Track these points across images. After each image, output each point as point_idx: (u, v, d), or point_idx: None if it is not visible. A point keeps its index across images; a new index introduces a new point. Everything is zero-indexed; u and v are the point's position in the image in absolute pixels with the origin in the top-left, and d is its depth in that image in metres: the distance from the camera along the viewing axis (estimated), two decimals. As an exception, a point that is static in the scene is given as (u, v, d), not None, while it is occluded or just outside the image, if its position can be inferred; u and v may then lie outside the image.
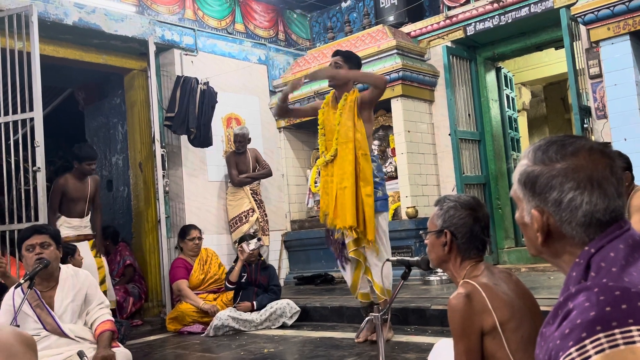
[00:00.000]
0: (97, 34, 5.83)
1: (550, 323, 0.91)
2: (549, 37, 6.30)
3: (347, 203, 3.90)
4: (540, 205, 1.02)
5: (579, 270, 0.97)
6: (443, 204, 1.93)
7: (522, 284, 1.86)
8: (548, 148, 1.04)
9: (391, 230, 6.27)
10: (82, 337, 2.97)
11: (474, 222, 1.88)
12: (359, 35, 6.97)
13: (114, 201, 7.07)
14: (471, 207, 1.90)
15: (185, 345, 4.68)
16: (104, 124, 7.23)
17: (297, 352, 4.07)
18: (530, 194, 1.04)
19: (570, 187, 0.98)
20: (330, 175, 4.04)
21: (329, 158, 4.04)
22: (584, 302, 0.85)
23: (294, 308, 5.07)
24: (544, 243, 1.04)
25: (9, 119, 4.87)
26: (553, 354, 0.85)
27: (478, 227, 1.89)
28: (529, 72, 8.81)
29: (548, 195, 1.01)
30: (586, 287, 0.88)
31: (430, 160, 6.64)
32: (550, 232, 1.02)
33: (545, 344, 0.90)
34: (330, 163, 4.05)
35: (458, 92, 6.58)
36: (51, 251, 2.96)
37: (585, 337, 0.81)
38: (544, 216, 1.02)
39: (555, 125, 10.21)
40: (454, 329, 1.73)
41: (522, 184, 1.05)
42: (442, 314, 4.26)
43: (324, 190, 4.11)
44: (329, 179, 4.04)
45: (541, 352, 0.91)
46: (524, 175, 1.05)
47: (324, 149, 4.12)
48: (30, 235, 2.96)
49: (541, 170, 1.02)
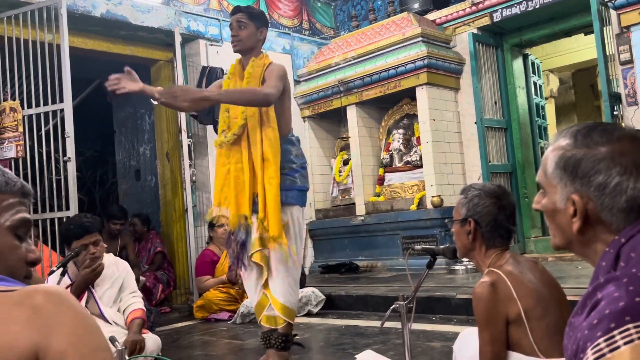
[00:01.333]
0: (124, 26, 5.91)
1: (578, 313, 0.91)
2: (578, 22, 6.18)
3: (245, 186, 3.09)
4: (581, 189, 0.99)
5: (609, 260, 0.96)
6: (468, 193, 1.93)
7: (548, 273, 1.86)
8: (590, 132, 1.01)
9: (416, 219, 6.30)
10: (115, 322, 3.06)
11: (499, 210, 1.88)
12: (384, 23, 6.92)
13: (142, 191, 7.18)
14: (496, 196, 1.90)
15: (212, 332, 4.75)
16: (131, 115, 7.33)
17: (322, 340, 4.11)
18: (570, 178, 1.01)
19: (617, 172, 0.96)
20: (234, 161, 3.14)
21: (230, 138, 3.13)
22: (613, 292, 0.85)
23: (319, 296, 5.11)
24: (579, 230, 1.01)
25: (40, 110, 4.97)
26: (581, 344, 0.85)
27: (503, 216, 1.88)
28: (557, 58, 8.65)
29: (593, 179, 0.98)
30: (615, 277, 0.88)
31: (455, 148, 6.59)
32: (588, 218, 1.00)
33: (573, 334, 0.90)
34: (234, 145, 3.15)
35: (484, 79, 6.51)
36: (101, 246, 3.07)
37: (614, 327, 0.81)
38: (584, 201, 0.99)
39: (584, 113, 10.03)
40: (479, 317, 1.74)
41: (560, 168, 1.02)
42: (467, 303, 4.25)
43: (226, 182, 3.15)
44: (235, 167, 3.14)
45: (569, 342, 0.91)
46: (563, 158, 1.02)
47: (225, 127, 3.20)
48: (82, 236, 3.02)
49: (585, 154, 0.99)
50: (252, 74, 3.19)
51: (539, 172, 1.09)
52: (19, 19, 4.96)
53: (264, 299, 3.17)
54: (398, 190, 6.74)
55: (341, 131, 7.50)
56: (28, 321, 0.82)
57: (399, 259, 6.39)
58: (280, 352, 3.13)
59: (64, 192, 4.95)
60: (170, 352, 3.95)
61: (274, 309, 3.11)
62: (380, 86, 6.67)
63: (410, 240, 6.31)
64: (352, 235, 6.88)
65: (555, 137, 1.08)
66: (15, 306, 0.83)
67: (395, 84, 6.54)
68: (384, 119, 7.15)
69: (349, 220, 6.84)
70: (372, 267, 6.67)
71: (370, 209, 6.82)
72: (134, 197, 7.30)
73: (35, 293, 0.85)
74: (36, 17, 4.93)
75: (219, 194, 3.17)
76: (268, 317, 3.16)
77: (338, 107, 7.05)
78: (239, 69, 3.31)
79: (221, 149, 3.20)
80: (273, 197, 3.04)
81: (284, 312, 3.10)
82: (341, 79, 6.91)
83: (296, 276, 3.18)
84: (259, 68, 3.20)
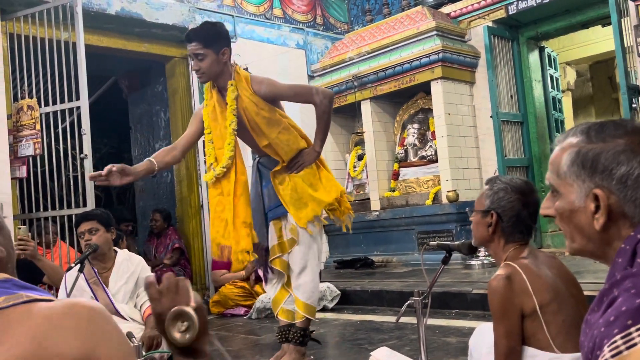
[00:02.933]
0: (139, 23, 5.94)
1: (595, 310, 0.90)
2: (596, 14, 6.09)
3: (238, 215, 2.99)
4: (602, 183, 0.97)
5: (625, 256, 0.95)
6: (494, 185, 1.91)
7: (565, 268, 1.84)
8: (602, 127, 1.00)
9: (431, 214, 6.28)
10: (132, 318, 3.09)
11: (523, 207, 1.86)
12: (398, 17, 6.89)
13: (158, 187, 7.23)
14: (522, 192, 1.88)
15: (229, 327, 4.78)
16: (147, 111, 7.37)
17: (338, 335, 4.11)
18: (588, 174, 0.98)
19: (639, 162, 0.94)
20: (226, 194, 3.01)
21: (220, 172, 3.00)
22: (629, 289, 0.84)
23: (335, 291, 5.11)
24: (603, 227, 0.98)
25: (56, 108, 5.02)
26: (597, 341, 0.84)
27: (526, 213, 1.86)
28: (574, 50, 8.55)
29: (614, 171, 0.95)
30: (632, 273, 0.87)
31: (471, 143, 6.54)
32: (610, 213, 0.97)
33: (590, 331, 0.89)
34: (223, 178, 3.03)
35: (500, 73, 6.45)
36: (99, 235, 3.09)
37: (631, 324, 0.80)
38: (606, 195, 0.97)
39: (602, 106, 9.90)
40: (494, 310, 1.73)
41: (578, 164, 1.00)
42: (483, 298, 4.22)
43: (215, 215, 3.06)
44: (225, 199, 3.01)
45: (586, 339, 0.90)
46: (579, 154, 0.99)
47: (213, 159, 3.07)
48: (80, 223, 3.10)
49: (603, 147, 0.98)
50: (240, 98, 2.99)
51: (548, 174, 1.06)
52: (35, 17, 5.01)
53: (281, 294, 3.21)
54: (413, 185, 6.72)
55: (356, 126, 7.48)
56: (75, 331, 0.84)
57: (414, 254, 6.37)
58: (297, 347, 3.12)
59: (80, 189, 5.01)
60: (186, 347, 3.98)
61: (294, 305, 3.15)
62: (394, 81, 6.64)
63: (425, 235, 6.29)
64: (367, 230, 6.87)
65: (562, 137, 1.06)
66: (62, 316, 0.85)
67: (410, 78, 6.50)
68: (398, 113, 7.12)
69: (364, 216, 6.84)
70: (387, 262, 6.66)
71: (385, 204, 6.81)
72: (150, 193, 7.36)
73: (78, 306, 0.87)
74: (52, 16, 4.97)
75: (212, 229, 3.10)
76: (286, 311, 3.19)
77: (352, 102, 7.04)
78: (216, 96, 3.08)
79: (211, 183, 3.09)
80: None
81: (305, 310, 3.12)
82: (355, 74, 6.89)
83: (317, 273, 3.21)
84: (245, 89, 3.00)
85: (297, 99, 3.20)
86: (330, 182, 3.22)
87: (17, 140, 4.99)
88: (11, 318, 0.83)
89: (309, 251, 3.13)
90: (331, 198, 3.16)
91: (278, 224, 3.17)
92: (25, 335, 0.81)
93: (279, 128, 3.05)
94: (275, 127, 3.04)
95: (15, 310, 0.84)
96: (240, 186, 3.02)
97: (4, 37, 5.04)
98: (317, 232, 3.17)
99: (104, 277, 3.13)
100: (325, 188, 3.17)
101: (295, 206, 3.08)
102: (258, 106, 3.00)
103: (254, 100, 3.00)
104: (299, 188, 3.10)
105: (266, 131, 3.03)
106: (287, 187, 3.09)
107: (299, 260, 3.11)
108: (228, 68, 3.03)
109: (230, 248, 2.99)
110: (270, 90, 3.03)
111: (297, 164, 3.09)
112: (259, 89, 3.01)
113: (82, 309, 0.87)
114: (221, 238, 3.01)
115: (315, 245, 3.18)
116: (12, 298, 0.85)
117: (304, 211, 3.07)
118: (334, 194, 3.18)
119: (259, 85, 3.02)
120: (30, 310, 0.84)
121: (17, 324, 0.82)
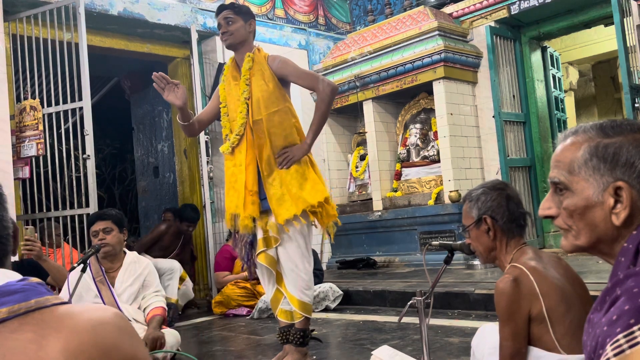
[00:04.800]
0: (141, 24, 5.95)
1: (597, 309, 0.90)
2: (598, 14, 6.08)
3: (246, 184, 3.07)
4: (622, 177, 0.95)
5: (628, 255, 0.95)
6: (471, 196, 1.95)
7: (571, 269, 1.84)
8: (616, 123, 0.99)
9: (433, 215, 6.27)
10: (135, 319, 3.09)
11: (507, 200, 1.89)
12: (400, 17, 6.89)
13: (161, 187, 7.24)
14: (499, 187, 1.93)
15: (231, 327, 4.79)
16: (149, 112, 7.38)
17: (340, 335, 4.11)
18: (609, 168, 0.97)
19: None
20: (239, 164, 3.11)
21: (234, 140, 3.12)
22: (632, 288, 0.84)
23: (337, 292, 5.12)
24: (625, 221, 0.95)
25: (59, 109, 5.03)
26: (600, 340, 0.84)
27: (513, 204, 1.90)
28: (577, 50, 8.54)
29: (637, 164, 0.94)
30: (635, 272, 0.87)
31: (473, 143, 6.54)
32: (631, 207, 0.95)
33: (592, 331, 0.89)
34: (236, 148, 3.13)
35: (502, 73, 6.45)
36: (113, 235, 3.13)
37: (634, 323, 0.80)
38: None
39: (605, 106, 9.89)
40: (501, 312, 1.73)
41: (598, 158, 0.97)
42: (486, 298, 4.22)
43: (230, 186, 3.17)
44: (237, 169, 3.12)
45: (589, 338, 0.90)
46: (598, 148, 0.98)
47: (228, 131, 3.19)
48: (94, 222, 3.12)
49: (622, 141, 0.96)
50: (253, 70, 3.12)
51: (556, 172, 1.04)
52: (38, 18, 5.03)
53: (279, 293, 3.17)
54: (415, 185, 6.72)
55: (358, 126, 7.48)
56: (120, 331, 0.79)
57: (417, 255, 6.37)
58: (298, 348, 3.11)
59: (83, 189, 5.02)
60: (189, 348, 3.98)
61: (290, 304, 3.11)
62: (396, 81, 6.64)
63: (427, 235, 6.29)
64: (370, 230, 6.88)
65: (567, 135, 1.04)
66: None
67: (412, 78, 6.50)
68: (400, 113, 7.12)
69: (366, 216, 6.84)
70: (389, 262, 6.66)
71: (387, 204, 6.81)
72: (152, 193, 7.37)
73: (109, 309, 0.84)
74: (55, 16, 4.98)
75: (227, 199, 3.19)
76: (284, 312, 3.16)
77: (354, 102, 7.04)
78: (232, 68, 3.24)
79: (228, 154, 3.18)
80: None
81: (300, 307, 3.08)
82: (357, 74, 6.90)
83: (309, 269, 3.14)
84: (259, 63, 3.13)
85: (302, 82, 3.23)
86: (317, 186, 3.14)
87: (20, 141, 5.00)
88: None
89: (297, 248, 3.07)
90: (315, 200, 3.07)
91: (264, 218, 3.10)
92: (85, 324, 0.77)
93: (276, 107, 3.10)
94: (273, 105, 3.10)
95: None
96: (249, 156, 3.07)
97: (6, 38, 5.05)
98: (301, 229, 3.08)
99: (111, 276, 3.15)
100: (312, 189, 3.10)
101: (278, 202, 3.03)
102: (265, 78, 3.10)
103: (265, 71, 3.11)
104: (284, 184, 3.05)
105: (262, 105, 3.07)
106: (274, 181, 3.06)
107: (287, 258, 3.08)
108: (250, 40, 3.21)
109: (239, 216, 3.06)
110: (281, 66, 3.14)
111: (286, 157, 3.06)
112: (272, 62, 3.15)
113: (117, 316, 0.83)
114: (235, 208, 3.10)
115: (303, 241, 3.10)
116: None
117: (284, 208, 3.02)
118: (319, 197, 3.10)
119: (273, 60, 3.16)
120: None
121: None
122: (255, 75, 3.11)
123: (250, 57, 3.14)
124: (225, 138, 3.21)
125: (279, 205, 3.03)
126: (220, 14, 3.16)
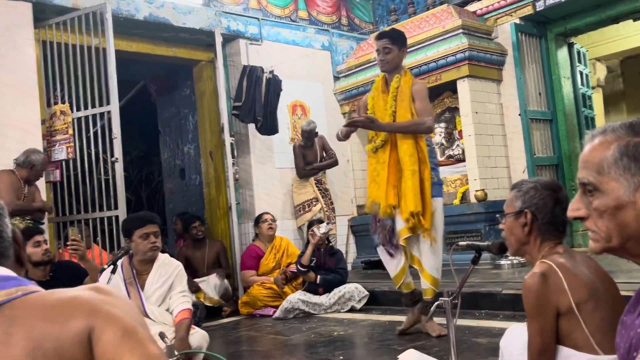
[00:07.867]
0: (167, 28, 6.03)
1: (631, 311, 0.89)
2: (626, 8, 5.97)
3: (412, 188, 3.68)
4: None
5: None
6: (522, 186, 1.90)
7: (602, 268, 1.81)
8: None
9: (460, 214, 6.22)
10: (162, 321, 3.13)
11: (555, 203, 1.85)
12: (423, 16, 6.85)
13: (187, 189, 7.33)
14: (552, 188, 1.87)
15: (257, 327, 4.82)
16: (175, 115, 7.47)
17: (366, 335, 4.11)
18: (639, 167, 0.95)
19: None
20: (380, 162, 3.80)
21: (379, 143, 3.80)
22: (666, 289, 0.83)
23: (363, 292, 5.12)
24: None
25: (88, 113, 5.14)
26: (634, 342, 0.84)
27: (559, 209, 1.85)
28: (604, 46, 8.39)
29: None
30: (669, 273, 0.86)
31: (499, 141, 6.47)
32: None
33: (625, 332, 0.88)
34: (380, 149, 3.81)
35: (528, 70, 6.37)
36: (160, 240, 3.20)
37: (668, 325, 0.79)
38: None
39: (633, 102, 9.70)
40: (529, 308, 1.71)
41: (629, 157, 0.96)
42: (513, 299, 4.18)
43: (371, 179, 3.87)
44: (379, 167, 3.80)
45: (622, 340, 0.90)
46: (629, 147, 0.96)
47: (374, 134, 3.86)
48: (144, 225, 3.16)
49: None
50: (400, 88, 3.80)
51: (584, 172, 1.02)
52: (67, 24, 5.13)
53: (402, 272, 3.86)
54: (440, 185, 6.67)
55: (382, 126, 7.45)
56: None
57: (444, 255, 6.31)
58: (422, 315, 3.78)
59: (112, 192, 5.11)
60: (217, 348, 4.03)
61: (423, 280, 3.76)
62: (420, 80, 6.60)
63: (454, 235, 6.24)
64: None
65: (594, 135, 1.02)
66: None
67: (436, 77, 6.47)
68: (425, 113, 7.08)
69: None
70: (415, 262, 6.61)
71: (412, 204, 6.77)
72: (179, 195, 7.46)
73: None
74: (83, 22, 5.08)
75: (369, 190, 3.87)
76: (407, 283, 3.91)
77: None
78: (381, 84, 3.91)
79: (373, 153, 3.85)
80: (429, 195, 3.70)
81: (433, 283, 3.75)
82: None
83: (440, 253, 3.84)
84: (407, 85, 3.79)
85: (419, 108, 3.76)
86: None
87: (51, 145, 5.11)
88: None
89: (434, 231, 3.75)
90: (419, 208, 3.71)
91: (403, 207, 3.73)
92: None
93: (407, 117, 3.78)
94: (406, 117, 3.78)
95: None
96: (393, 157, 3.75)
97: (37, 45, 5.17)
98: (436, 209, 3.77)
99: (142, 278, 3.19)
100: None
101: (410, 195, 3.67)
102: (406, 97, 3.77)
103: (406, 90, 3.78)
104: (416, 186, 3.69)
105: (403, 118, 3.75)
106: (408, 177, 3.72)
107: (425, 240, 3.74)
108: (401, 66, 3.89)
109: (379, 204, 3.75)
110: (417, 89, 3.80)
111: (358, 119, 3.69)
112: (413, 85, 3.82)
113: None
114: (375, 197, 3.81)
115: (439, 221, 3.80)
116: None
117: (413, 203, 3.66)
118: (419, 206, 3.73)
119: (414, 83, 3.84)
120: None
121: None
122: (400, 94, 3.78)
123: (398, 78, 3.82)
124: (370, 139, 3.90)
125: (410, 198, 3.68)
126: (380, 41, 3.84)
